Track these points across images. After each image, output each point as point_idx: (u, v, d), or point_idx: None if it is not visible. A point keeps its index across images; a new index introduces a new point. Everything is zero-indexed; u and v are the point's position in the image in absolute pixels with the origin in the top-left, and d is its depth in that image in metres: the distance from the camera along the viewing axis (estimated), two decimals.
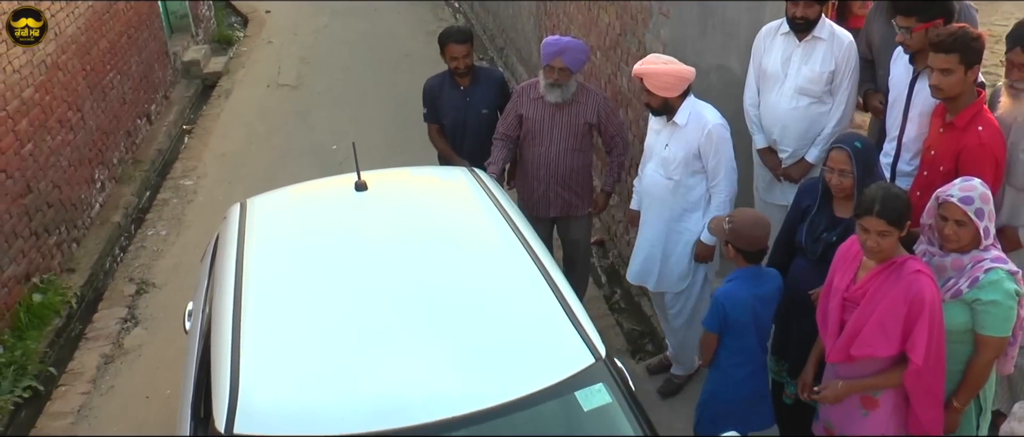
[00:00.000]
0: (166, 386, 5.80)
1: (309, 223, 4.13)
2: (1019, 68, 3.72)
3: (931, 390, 3.44)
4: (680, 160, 4.55)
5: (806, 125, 4.68)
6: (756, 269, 3.92)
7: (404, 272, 3.61)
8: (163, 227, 8.04)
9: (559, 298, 3.42)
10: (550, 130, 5.16)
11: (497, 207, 4.06)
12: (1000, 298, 3.31)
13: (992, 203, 3.36)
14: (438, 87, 5.67)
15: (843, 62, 4.60)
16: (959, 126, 3.81)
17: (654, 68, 4.49)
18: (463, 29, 5.61)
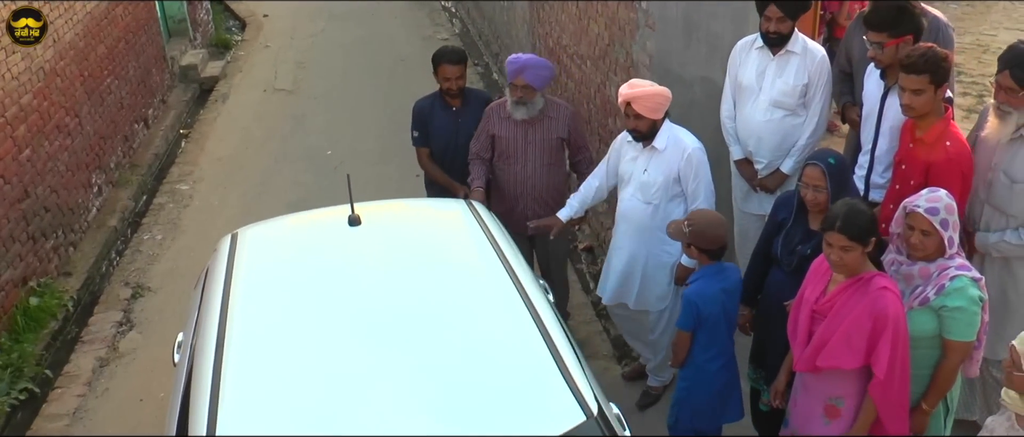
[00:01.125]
0: (160, 389, 5.90)
1: (299, 259, 4.05)
2: (1007, 91, 3.78)
3: (897, 400, 3.55)
4: (660, 184, 4.60)
5: (780, 137, 4.78)
6: (718, 265, 4.11)
7: (393, 315, 3.51)
8: (159, 231, 8.14)
9: (552, 350, 3.28)
10: (524, 148, 5.19)
11: (493, 246, 3.95)
12: (965, 304, 3.43)
13: (957, 214, 3.46)
14: (428, 109, 5.63)
15: (816, 76, 4.70)
16: (928, 142, 3.92)
17: (643, 91, 4.51)
18: (458, 50, 5.54)
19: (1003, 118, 3.83)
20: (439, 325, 3.46)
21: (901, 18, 4.15)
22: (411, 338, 3.38)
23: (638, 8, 5.51)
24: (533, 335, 3.35)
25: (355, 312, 3.55)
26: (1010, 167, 3.87)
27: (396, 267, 3.84)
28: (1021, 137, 3.82)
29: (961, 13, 10.53)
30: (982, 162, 3.98)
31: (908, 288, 3.55)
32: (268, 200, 8.45)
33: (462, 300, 3.64)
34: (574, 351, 3.42)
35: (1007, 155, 3.88)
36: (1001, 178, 3.90)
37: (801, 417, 3.84)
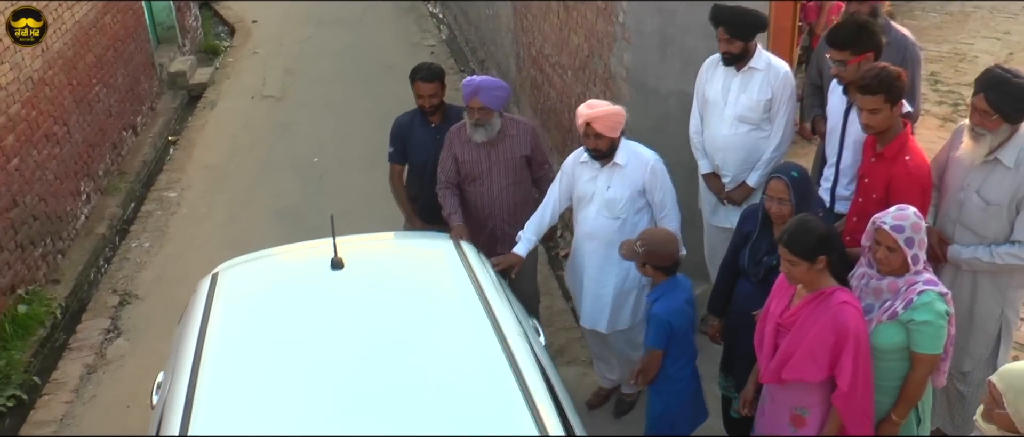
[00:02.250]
0: (147, 396, 5.97)
1: (278, 305, 3.93)
2: (981, 114, 3.86)
3: (860, 410, 3.67)
4: (626, 199, 4.66)
5: (746, 151, 4.89)
6: (674, 279, 4.22)
7: (370, 364, 3.45)
8: (147, 239, 8.23)
9: (532, 410, 3.18)
10: (489, 169, 5.19)
11: (478, 292, 3.84)
12: (932, 318, 3.53)
13: (924, 231, 3.56)
14: (408, 125, 5.59)
15: (779, 91, 4.80)
16: (888, 156, 4.05)
17: (602, 111, 4.54)
18: (433, 67, 5.47)
19: (977, 140, 3.91)
20: (415, 377, 3.39)
21: (861, 37, 4.28)
22: (384, 387, 3.33)
23: (615, 21, 5.63)
24: (513, 392, 3.26)
25: (331, 361, 3.47)
26: (983, 188, 3.97)
27: (376, 316, 3.74)
28: (995, 159, 3.91)
29: (940, 21, 10.71)
30: (954, 182, 4.09)
31: (877, 302, 3.66)
32: (255, 208, 8.56)
33: (440, 352, 3.54)
34: (553, 397, 3.38)
35: (980, 177, 3.97)
36: (974, 199, 3.99)
37: (769, 425, 3.96)
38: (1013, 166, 3.87)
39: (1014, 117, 3.83)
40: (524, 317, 4.27)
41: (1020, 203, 3.92)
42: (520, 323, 3.87)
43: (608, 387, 5.33)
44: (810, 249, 3.53)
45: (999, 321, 4.25)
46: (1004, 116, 3.81)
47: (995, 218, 3.97)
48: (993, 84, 3.83)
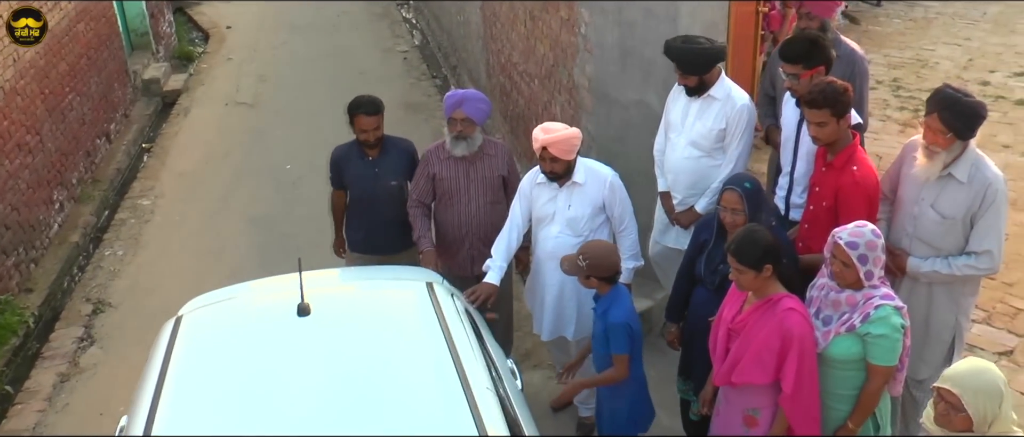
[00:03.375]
0: (120, 404, 6.05)
1: (239, 353, 3.80)
2: (935, 133, 3.98)
3: (807, 412, 3.82)
4: (587, 216, 4.71)
5: (696, 176, 4.96)
6: (616, 287, 4.32)
7: (328, 419, 3.34)
8: (120, 247, 8.27)
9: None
10: (467, 187, 5.15)
11: (446, 342, 3.72)
12: (888, 332, 3.66)
13: (880, 248, 3.67)
14: (345, 158, 5.47)
15: (734, 122, 4.82)
16: (837, 166, 4.20)
17: (559, 136, 4.57)
18: (373, 100, 5.33)
19: (931, 157, 4.04)
20: (373, 433, 3.30)
21: (813, 51, 4.43)
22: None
23: (578, 33, 5.75)
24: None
25: (288, 414, 3.38)
26: (938, 203, 4.10)
27: (338, 370, 3.61)
28: (949, 175, 4.05)
29: (903, 28, 10.92)
30: (909, 197, 4.21)
31: (836, 314, 3.78)
32: (228, 215, 8.62)
33: (401, 407, 3.43)
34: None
35: (934, 192, 4.10)
36: (929, 213, 4.12)
37: (724, 426, 4.10)
38: (966, 181, 4.01)
39: (966, 134, 3.97)
40: (501, 358, 4.30)
41: (974, 216, 4.06)
42: (492, 372, 3.81)
43: (589, 416, 5.32)
44: (757, 259, 3.67)
45: (953, 329, 4.38)
46: (957, 133, 3.95)
47: (950, 231, 4.11)
48: (946, 104, 3.95)
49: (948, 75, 9.51)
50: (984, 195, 3.99)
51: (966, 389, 3.02)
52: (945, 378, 3.10)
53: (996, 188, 3.99)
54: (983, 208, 4.00)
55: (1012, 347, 5.51)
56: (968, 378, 3.05)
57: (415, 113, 10.39)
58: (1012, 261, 6.35)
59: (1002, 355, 5.46)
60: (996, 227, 4.05)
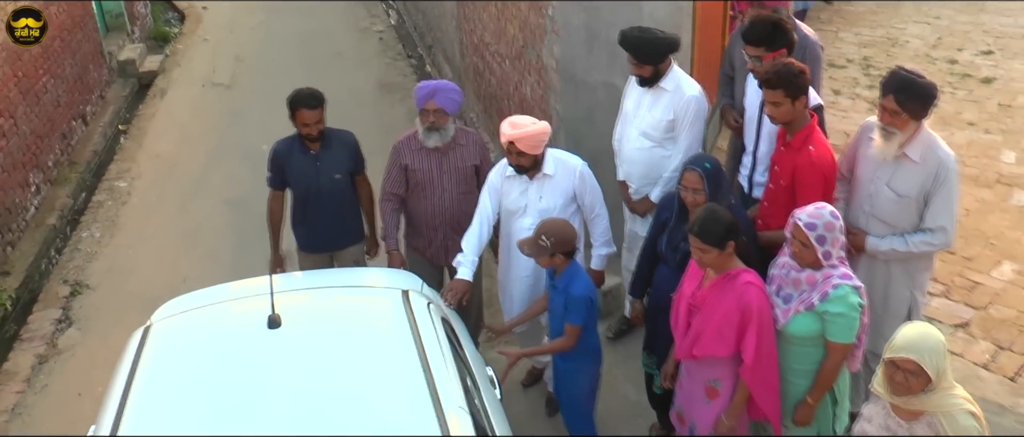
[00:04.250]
0: (98, 384, 6.08)
1: (207, 366, 3.69)
2: (891, 114, 4.09)
3: (766, 382, 3.95)
4: (559, 207, 4.74)
5: (648, 166, 5.06)
6: (574, 262, 4.40)
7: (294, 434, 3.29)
8: (97, 229, 8.33)
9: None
10: (440, 177, 5.14)
11: (420, 358, 3.60)
12: (846, 310, 3.78)
13: (839, 230, 3.78)
14: (286, 152, 5.35)
15: (682, 114, 4.91)
16: (794, 146, 4.31)
17: (526, 132, 4.58)
18: (314, 93, 5.20)
19: (888, 138, 4.15)
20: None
21: (775, 34, 4.52)
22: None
23: (545, 15, 5.83)
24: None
25: (253, 428, 3.30)
26: (893, 182, 4.22)
27: (307, 382, 3.51)
28: (904, 155, 4.17)
29: (875, 7, 11.04)
30: (866, 176, 4.33)
31: (796, 292, 3.90)
32: (205, 197, 8.68)
33: (367, 424, 3.34)
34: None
35: (890, 171, 4.22)
36: (886, 192, 4.25)
37: (686, 398, 4.24)
38: (920, 160, 4.13)
39: (920, 114, 4.09)
40: (480, 366, 4.31)
41: (928, 195, 4.18)
42: (469, 382, 3.80)
43: (540, 368, 5.52)
44: (719, 238, 3.78)
45: (909, 303, 4.51)
46: (912, 114, 4.07)
47: (905, 209, 4.23)
48: (901, 86, 4.07)
49: (917, 54, 9.65)
50: (937, 174, 4.11)
51: (922, 353, 3.14)
52: (897, 348, 3.20)
53: (948, 167, 4.12)
54: (936, 186, 4.13)
55: (968, 319, 5.66)
56: (920, 343, 3.17)
57: (390, 93, 10.45)
58: (972, 236, 6.52)
59: (958, 327, 5.61)
60: (949, 204, 4.19)
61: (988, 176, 7.32)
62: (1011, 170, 7.39)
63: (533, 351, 4.66)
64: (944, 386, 3.20)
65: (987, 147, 7.81)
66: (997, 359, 5.32)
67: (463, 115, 9.29)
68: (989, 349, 5.40)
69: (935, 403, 3.20)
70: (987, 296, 5.87)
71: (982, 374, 5.20)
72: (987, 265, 6.19)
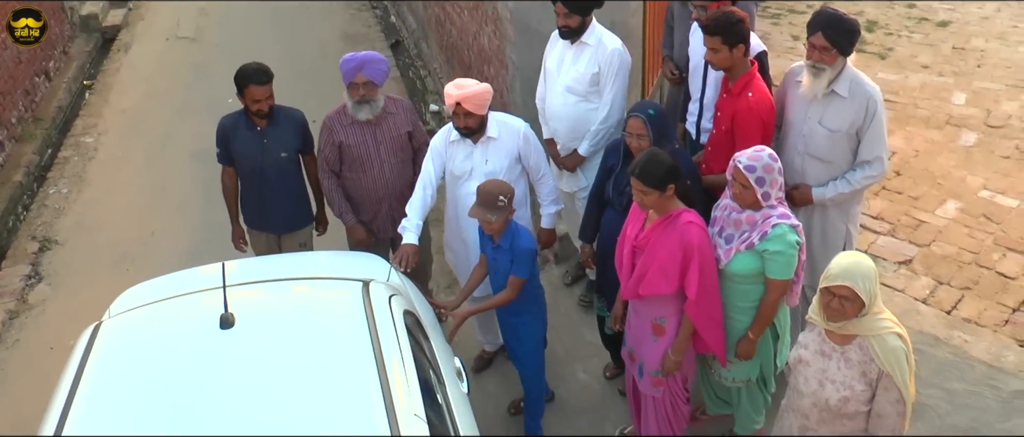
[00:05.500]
0: (70, 337, 6.20)
1: (156, 368, 3.54)
2: (820, 50, 4.26)
3: (710, 317, 4.14)
4: (505, 169, 4.78)
5: (574, 121, 5.16)
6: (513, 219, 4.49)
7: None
8: (65, 185, 8.38)
9: None
10: (376, 150, 5.12)
11: (376, 361, 3.48)
12: (784, 248, 3.96)
13: (777, 171, 3.94)
14: (232, 127, 5.24)
15: (606, 67, 5.01)
16: (735, 92, 4.46)
17: (471, 91, 4.60)
18: (263, 69, 5.09)
19: (817, 75, 4.32)
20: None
21: None
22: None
23: None
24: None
25: (199, 432, 3.21)
26: (825, 118, 4.38)
27: (258, 389, 3.39)
28: (832, 92, 4.34)
29: None
30: (798, 116, 4.49)
31: (737, 232, 4.06)
32: (172, 151, 8.73)
33: (316, 427, 3.25)
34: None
35: (821, 109, 4.39)
36: (818, 129, 4.41)
37: (635, 337, 4.42)
38: (848, 96, 4.32)
39: (847, 49, 4.27)
40: (447, 358, 4.26)
41: (859, 130, 4.36)
42: (429, 382, 3.74)
43: (491, 351, 5.56)
44: (660, 180, 3.92)
45: (845, 237, 4.71)
46: (840, 49, 4.25)
47: (838, 144, 4.41)
48: (829, 23, 4.25)
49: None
50: (866, 107, 4.30)
51: (856, 279, 3.33)
52: (833, 277, 3.38)
53: (876, 100, 4.31)
54: (867, 120, 4.32)
55: (912, 256, 5.89)
56: (854, 270, 3.36)
57: (355, 44, 10.43)
58: (920, 176, 6.73)
59: (902, 264, 5.83)
60: (880, 135, 4.38)
61: (939, 118, 7.52)
62: (961, 111, 7.60)
63: (479, 308, 4.67)
64: (874, 311, 3.41)
65: (939, 89, 8.01)
66: (936, 294, 5.56)
67: (427, 66, 9.37)
68: (929, 284, 5.63)
69: (866, 327, 3.42)
70: (931, 234, 6.10)
71: (921, 308, 5.44)
72: (932, 204, 6.41)
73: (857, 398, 3.48)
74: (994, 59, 8.52)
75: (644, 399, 4.50)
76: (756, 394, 4.54)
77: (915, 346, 5.03)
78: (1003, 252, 5.85)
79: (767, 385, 4.51)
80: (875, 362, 3.41)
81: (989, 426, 4.67)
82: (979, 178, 6.65)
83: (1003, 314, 5.34)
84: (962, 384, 4.89)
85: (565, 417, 5.12)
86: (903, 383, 3.40)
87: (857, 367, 3.46)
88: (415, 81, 9.61)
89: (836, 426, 3.59)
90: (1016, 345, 5.10)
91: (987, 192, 6.48)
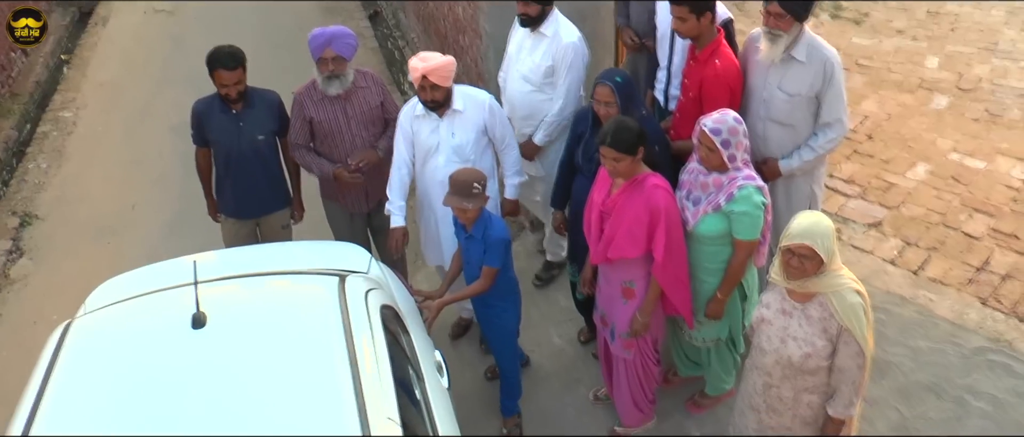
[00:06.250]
0: (53, 312, 6.32)
1: (125, 369, 3.46)
2: (776, 17, 4.34)
3: (677, 278, 4.23)
4: (472, 142, 4.81)
5: (529, 109, 5.18)
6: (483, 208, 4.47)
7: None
8: (44, 160, 8.40)
9: None
10: (347, 125, 5.12)
11: (350, 361, 3.39)
12: (750, 209, 4.05)
13: (743, 134, 4.02)
14: (206, 112, 5.18)
15: (560, 60, 5.03)
16: (702, 60, 4.53)
17: (436, 63, 4.61)
18: (234, 52, 5.00)
19: (774, 41, 4.40)
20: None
21: None
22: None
23: None
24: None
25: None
26: (784, 83, 4.47)
27: (229, 392, 3.31)
28: (790, 57, 4.42)
29: None
30: (758, 82, 4.56)
31: (704, 195, 4.15)
32: (151, 124, 8.75)
33: (288, 424, 3.18)
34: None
35: (780, 74, 4.47)
36: (778, 94, 4.50)
37: (605, 301, 4.51)
38: (806, 60, 4.40)
39: (803, 15, 4.35)
40: (427, 352, 4.23)
41: (819, 93, 4.45)
42: (408, 379, 3.73)
43: (467, 318, 5.63)
44: (631, 145, 3.99)
45: (809, 197, 4.81)
46: (795, 15, 4.32)
47: (798, 107, 4.49)
48: None
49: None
50: (824, 70, 4.39)
51: (815, 238, 3.43)
52: (792, 236, 3.47)
53: (833, 62, 4.40)
54: (825, 83, 4.41)
55: (881, 219, 5.99)
56: (813, 228, 3.46)
57: (333, 16, 10.44)
58: (891, 140, 6.83)
59: (871, 226, 5.94)
60: (840, 96, 4.47)
61: (911, 81, 7.61)
62: (933, 75, 7.68)
63: (453, 298, 4.64)
64: (833, 268, 3.51)
65: (913, 53, 8.09)
66: (904, 254, 5.67)
67: (404, 36, 9.38)
68: (898, 246, 5.75)
69: (825, 284, 3.52)
70: (900, 196, 6.21)
71: (889, 269, 5.55)
72: (903, 167, 6.52)
73: (818, 354, 3.59)
74: (967, 23, 8.60)
75: (616, 362, 4.61)
76: (725, 355, 4.65)
77: (883, 306, 5.22)
78: (970, 213, 5.97)
79: (736, 346, 4.62)
80: (835, 318, 3.51)
81: (950, 382, 4.80)
82: (949, 141, 6.76)
83: (967, 273, 5.46)
84: (926, 342, 5.02)
85: (540, 381, 5.23)
86: (862, 337, 3.51)
87: (818, 324, 3.57)
88: (393, 52, 9.61)
89: (799, 382, 3.70)
90: (978, 303, 5.23)
91: (956, 154, 6.59)
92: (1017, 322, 5.08)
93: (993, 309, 5.18)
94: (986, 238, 5.73)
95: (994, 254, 5.58)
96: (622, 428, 4.83)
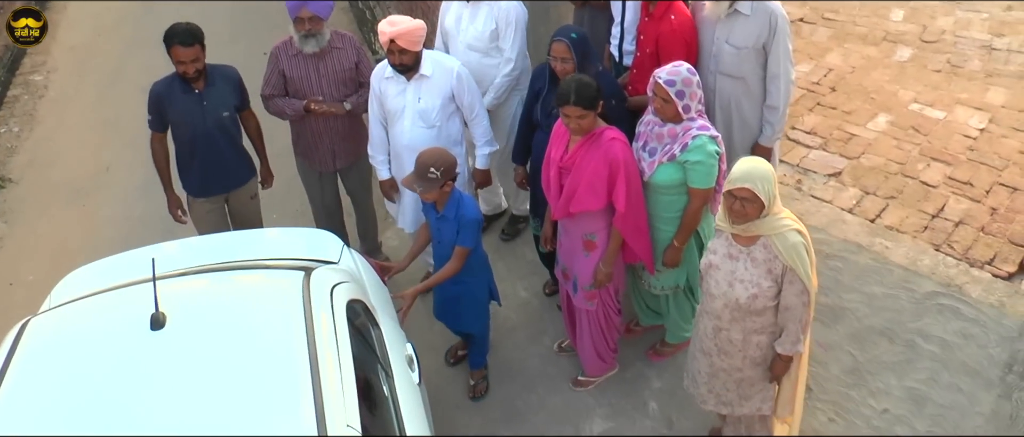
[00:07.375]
0: (28, 273, 6.41)
1: (80, 370, 3.37)
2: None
3: (637, 228, 4.34)
4: (438, 108, 4.88)
5: (478, 76, 5.16)
6: (454, 188, 4.47)
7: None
8: (16, 124, 8.42)
9: None
10: (318, 84, 5.20)
11: (310, 363, 3.29)
12: (703, 158, 4.16)
13: (696, 85, 4.12)
14: (166, 92, 5.09)
15: (503, 23, 5.14)
16: (657, 16, 4.62)
17: (405, 28, 4.66)
18: (190, 29, 4.92)
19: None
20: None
21: None
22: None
23: None
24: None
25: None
26: (732, 37, 4.59)
27: (184, 398, 3.21)
28: (735, 11, 4.55)
29: None
30: (707, 38, 4.68)
31: (660, 145, 4.25)
32: (123, 86, 8.75)
33: (244, 431, 3.07)
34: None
35: (727, 29, 4.59)
36: (726, 48, 4.61)
37: (567, 254, 4.62)
38: (751, 13, 4.53)
39: None
40: (398, 346, 4.16)
41: (766, 45, 4.58)
42: (376, 377, 3.71)
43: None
44: (593, 100, 4.08)
45: None
46: None
47: (746, 60, 4.62)
48: None
49: None
50: (770, 23, 4.52)
51: (755, 181, 3.54)
52: (734, 180, 3.58)
53: (778, 15, 4.53)
54: (772, 35, 4.54)
55: (841, 169, 6.10)
56: (753, 172, 3.57)
57: None
58: (854, 91, 6.93)
59: (832, 176, 6.05)
60: (786, 48, 4.60)
61: (876, 34, 7.68)
62: (897, 28, 7.76)
63: (426, 284, 4.66)
64: (774, 211, 3.64)
65: (878, 7, 8.14)
66: (862, 203, 5.79)
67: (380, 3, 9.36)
68: (856, 195, 5.87)
69: (767, 226, 3.64)
70: (860, 146, 6.32)
71: (847, 218, 5.67)
72: (864, 118, 6.62)
73: (764, 294, 3.72)
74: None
75: (579, 313, 4.73)
76: (684, 303, 4.78)
77: (839, 254, 5.37)
78: (928, 162, 6.09)
79: (694, 294, 4.74)
80: (779, 259, 3.64)
81: (902, 326, 4.95)
82: (910, 92, 6.86)
83: (923, 221, 5.60)
84: (880, 288, 5.16)
85: (506, 333, 5.36)
86: (805, 275, 3.64)
87: (762, 265, 3.69)
88: (364, 12, 9.61)
89: (747, 323, 3.83)
90: (932, 250, 5.36)
91: (917, 105, 6.69)
92: (967, 267, 5.22)
93: (945, 255, 5.32)
94: (942, 186, 5.86)
95: (949, 202, 5.72)
96: (585, 377, 4.96)
